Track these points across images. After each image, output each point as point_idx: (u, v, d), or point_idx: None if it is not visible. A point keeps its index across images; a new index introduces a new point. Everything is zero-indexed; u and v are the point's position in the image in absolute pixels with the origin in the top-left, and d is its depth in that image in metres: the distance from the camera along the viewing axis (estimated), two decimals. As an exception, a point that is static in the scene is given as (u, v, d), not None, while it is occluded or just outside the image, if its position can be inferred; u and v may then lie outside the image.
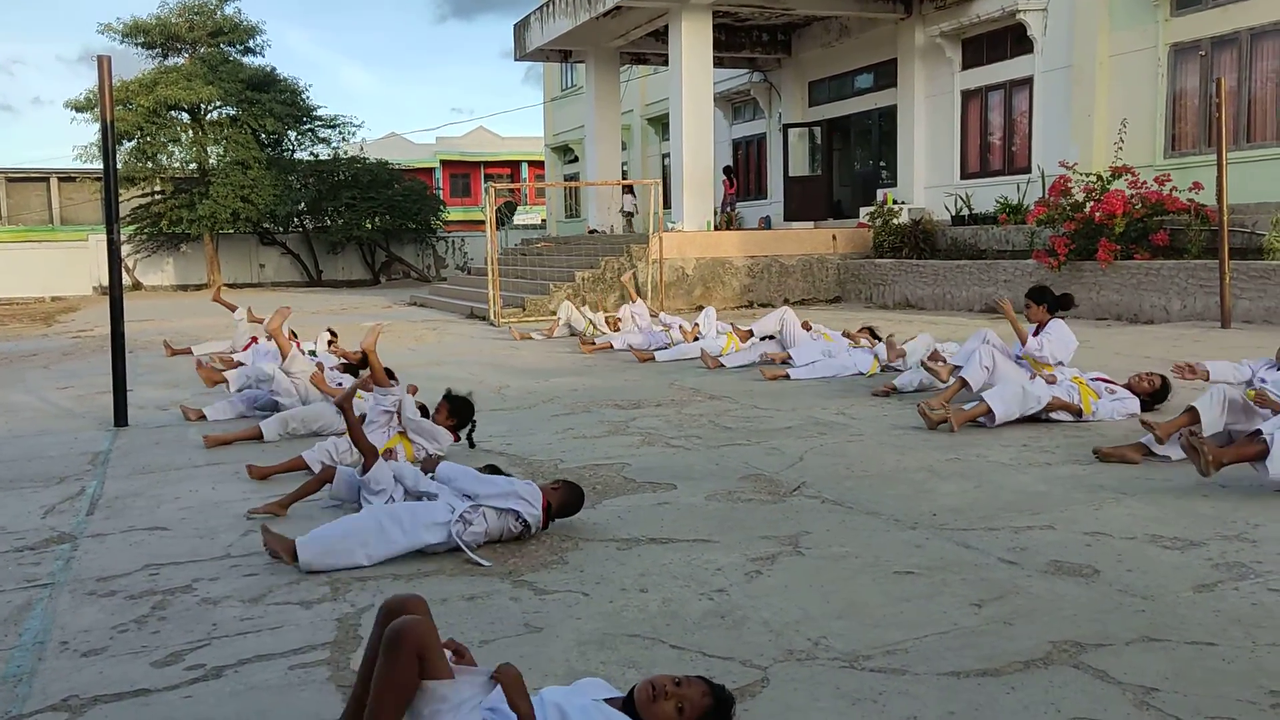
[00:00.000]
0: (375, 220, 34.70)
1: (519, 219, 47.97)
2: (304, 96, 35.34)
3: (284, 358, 7.77)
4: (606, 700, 2.60)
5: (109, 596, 4.10)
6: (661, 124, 29.73)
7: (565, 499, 4.65)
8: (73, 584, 4.26)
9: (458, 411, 6.37)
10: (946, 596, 3.77)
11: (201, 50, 33.41)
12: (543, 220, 42.62)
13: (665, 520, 4.89)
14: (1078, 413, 6.92)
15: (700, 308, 17.57)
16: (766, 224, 23.80)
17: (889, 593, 3.83)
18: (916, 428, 6.89)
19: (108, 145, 7.61)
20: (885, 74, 21.23)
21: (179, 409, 8.18)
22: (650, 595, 3.91)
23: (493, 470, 5.25)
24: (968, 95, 19.28)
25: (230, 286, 34.28)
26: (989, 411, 6.77)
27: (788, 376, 9.36)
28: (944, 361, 8.59)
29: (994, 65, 18.61)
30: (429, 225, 36.28)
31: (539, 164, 56.13)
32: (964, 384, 7.63)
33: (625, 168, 28.97)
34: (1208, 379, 5.98)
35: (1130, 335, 11.74)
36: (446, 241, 38.19)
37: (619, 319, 13.96)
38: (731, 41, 22.37)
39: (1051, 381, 7.27)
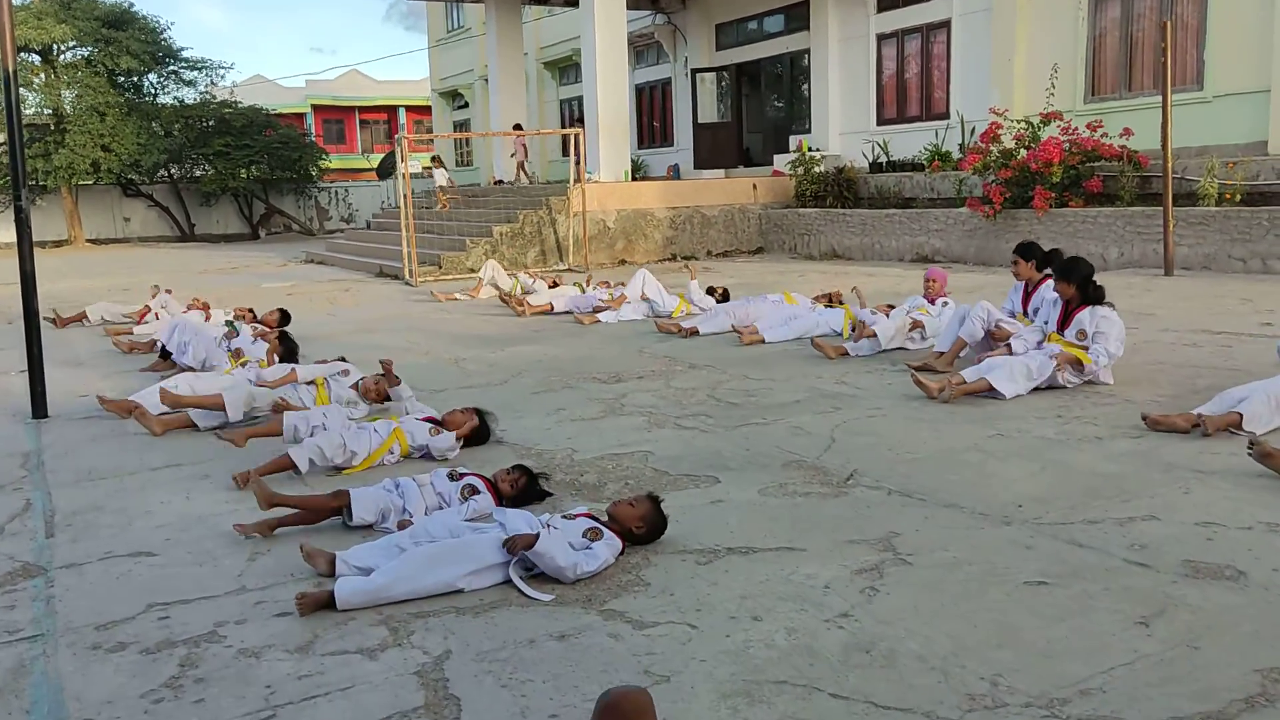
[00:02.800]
0: (251, 170, 32.80)
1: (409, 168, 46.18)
2: (165, 36, 33.01)
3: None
4: None
5: (119, 651, 3.40)
6: (559, 69, 28.79)
7: (650, 534, 4.10)
8: (67, 635, 3.54)
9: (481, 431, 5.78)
10: (1102, 614, 3.39)
11: (52, -14, 30.78)
12: (425, 169, 41.10)
13: (731, 524, 4.40)
14: (1078, 363, 6.63)
15: (623, 262, 17.08)
16: (675, 172, 23.27)
17: (1035, 611, 3.43)
18: (930, 398, 6.54)
19: (10, 98, 6.57)
20: (797, 17, 20.81)
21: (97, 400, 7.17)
22: (768, 625, 3.42)
23: (526, 475, 4.69)
24: (883, 39, 19.03)
25: (93, 242, 32.07)
26: (991, 389, 6.44)
27: (763, 340, 8.93)
28: (921, 329, 8.34)
29: (910, 8, 18.38)
30: (309, 175, 34.52)
31: (419, 109, 54.18)
32: (963, 344, 7.36)
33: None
34: None
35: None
36: (329, 192, 36.48)
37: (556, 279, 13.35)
38: (635, -19, 21.64)
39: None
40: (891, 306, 8.94)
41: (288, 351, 8.13)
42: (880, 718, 2.84)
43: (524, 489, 4.65)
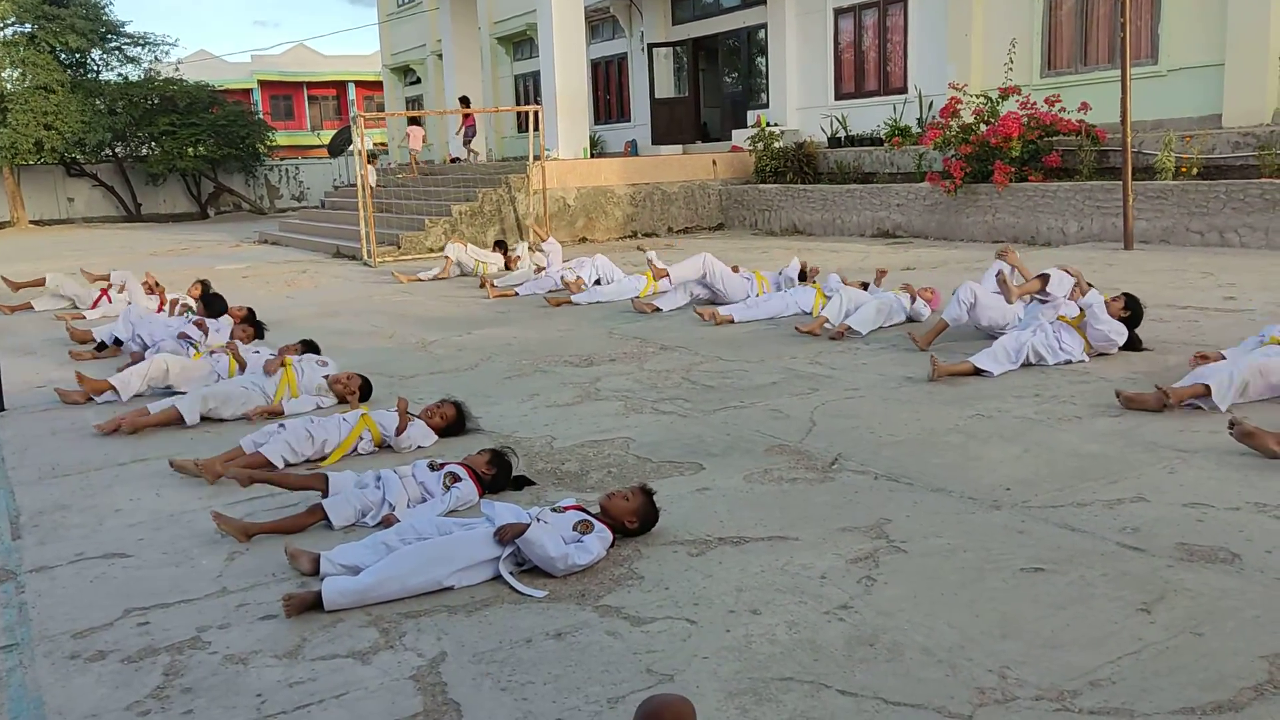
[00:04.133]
0: (198, 148, 32.03)
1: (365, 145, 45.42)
2: (107, 11, 32.11)
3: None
4: None
5: (99, 661, 3.27)
6: (513, 43, 28.42)
7: (643, 527, 4.04)
8: (43, 643, 3.40)
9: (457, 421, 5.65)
10: (1102, 600, 3.37)
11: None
12: (376, 145, 40.44)
13: (719, 513, 4.34)
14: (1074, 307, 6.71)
15: (584, 239, 16.93)
16: (633, 148, 23.08)
17: (1036, 599, 3.41)
18: (907, 378, 6.52)
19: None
20: (753, -9, 20.66)
21: (56, 392, 6.97)
22: (767, 618, 3.37)
23: (502, 461, 4.60)
24: (840, 13, 18.94)
25: (36, 224, 31.21)
26: (977, 371, 6.44)
27: (732, 320, 8.86)
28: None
29: (868, -18, 18.30)
30: (257, 153, 33.81)
31: (368, 84, 53.31)
32: (944, 325, 7.34)
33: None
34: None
35: (1036, 258, 11.74)
36: (279, 170, 35.80)
37: (518, 257, 13.19)
38: (590, -46, 21.34)
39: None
40: (865, 285, 8.91)
41: (258, 333, 8.06)
42: (892, 714, 2.80)
43: (499, 473, 4.59)
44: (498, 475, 4.61)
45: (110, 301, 11.26)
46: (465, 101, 22.42)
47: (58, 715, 2.96)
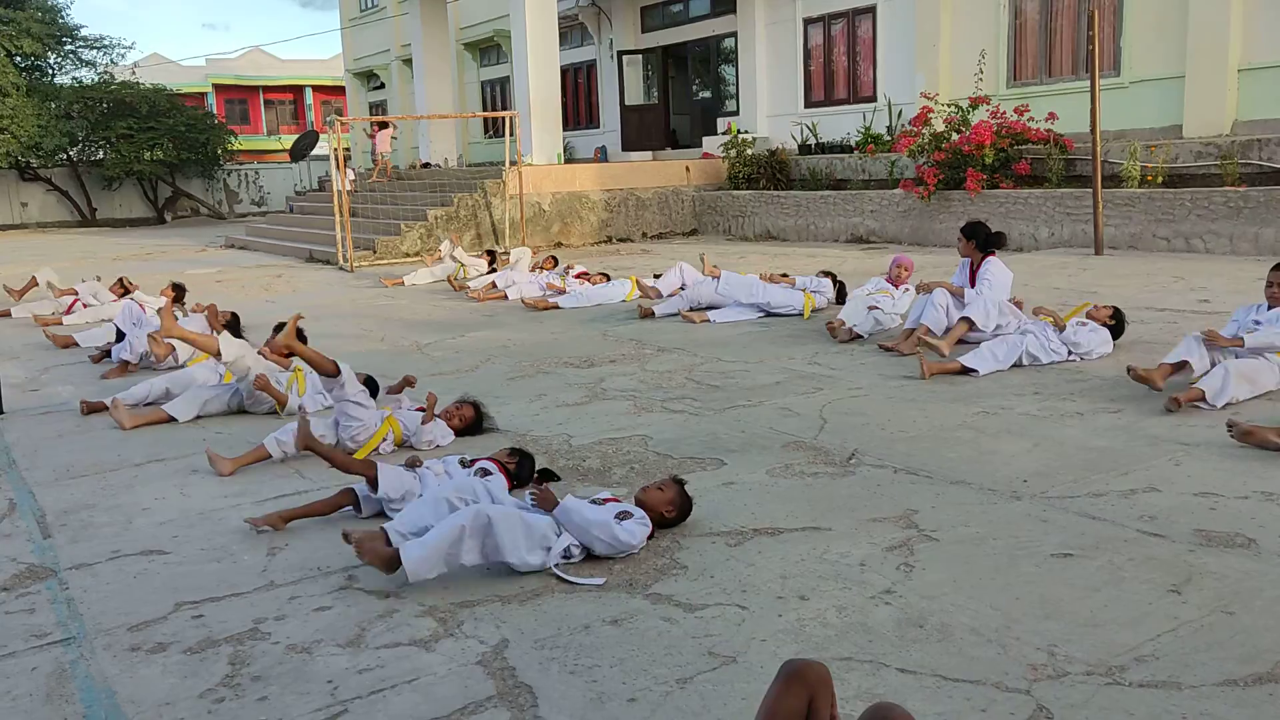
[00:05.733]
0: (156, 152, 31.65)
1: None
2: (63, 15, 31.69)
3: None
4: None
5: (161, 652, 3.30)
6: (479, 49, 28.43)
7: (679, 517, 4.14)
8: (100, 637, 3.43)
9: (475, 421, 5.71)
10: (1135, 583, 3.53)
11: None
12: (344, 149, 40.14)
13: (749, 505, 4.45)
14: (1058, 322, 6.93)
15: (559, 244, 17.00)
16: (603, 155, 23.21)
17: (1070, 583, 3.55)
18: (907, 377, 6.69)
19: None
20: (723, 0, 20.88)
21: (80, 404, 6.79)
22: (816, 603, 3.48)
23: (523, 454, 4.70)
24: (810, 23, 19.23)
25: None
26: (965, 370, 6.63)
27: (709, 321, 9.03)
28: (879, 311, 8.46)
29: (837, -8, 18.60)
30: (216, 157, 33.47)
31: (327, 89, 52.96)
32: (927, 329, 7.52)
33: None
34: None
35: (1011, 262, 12.00)
36: (239, 174, 35.46)
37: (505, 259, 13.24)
38: (558, -38, 21.39)
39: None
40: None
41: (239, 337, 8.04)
42: (953, 690, 2.92)
43: (521, 463, 4.68)
44: (521, 466, 4.69)
45: (85, 308, 11.16)
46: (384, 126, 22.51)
47: (131, 704, 3.00)
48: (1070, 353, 6.85)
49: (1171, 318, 8.18)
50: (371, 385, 6.40)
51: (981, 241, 7.85)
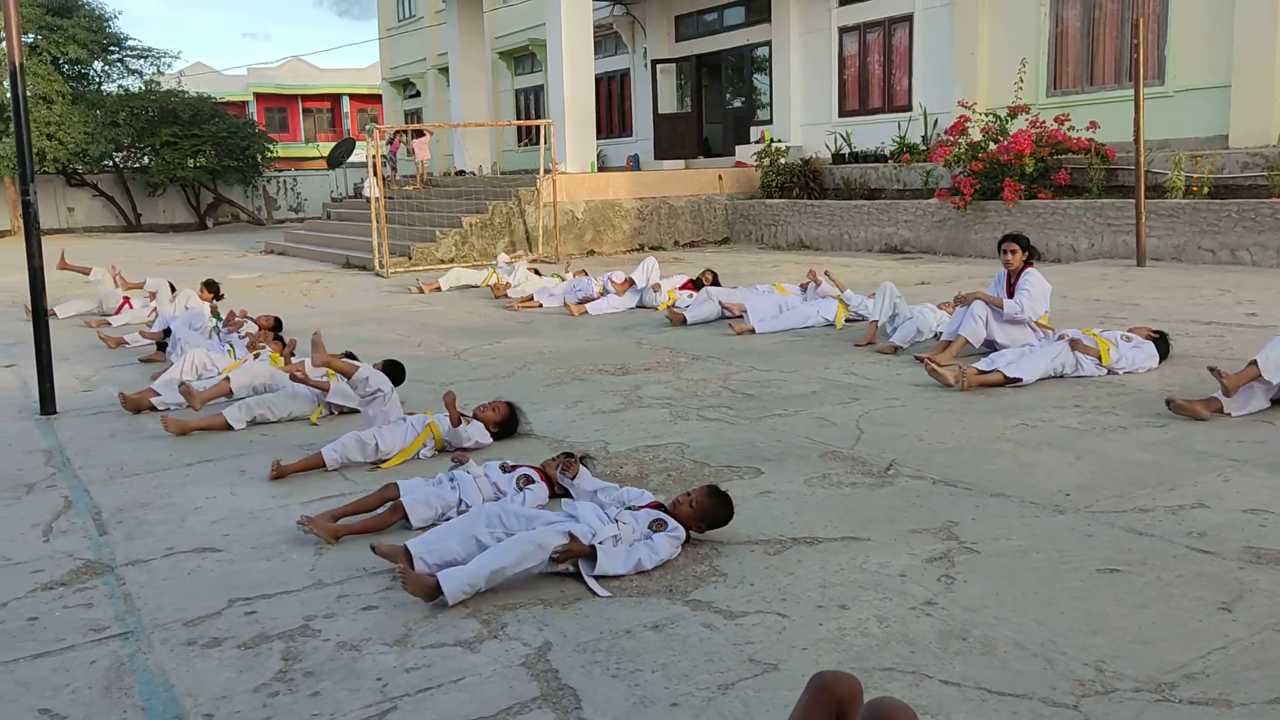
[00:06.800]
0: (199, 159, 32.07)
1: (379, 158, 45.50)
2: (110, 23, 32.16)
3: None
4: None
5: (216, 647, 3.34)
6: (514, 58, 28.58)
7: (712, 526, 4.11)
8: (157, 631, 3.48)
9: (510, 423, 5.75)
10: (1184, 600, 3.47)
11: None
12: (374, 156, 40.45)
13: (788, 514, 4.43)
14: (1097, 356, 6.80)
15: (592, 252, 17.04)
16: (635, 163, 23.23)
17: (1117, 598, 3.50)
18: (944, 387, 6.63)
19: (17, 92, 6.39)
20: (758, 9, 20.87)
21: (120, 397, 6.92)
22: (856, 613, 3.45)
23: (576, 460, 4.67)
24: (845, 31, 19.16)
25: (34, 233, 31.13)
26: (1007, 381, 6.56)
27: (753, 331, 8.98)
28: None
29: (873, 1, 18.52)
30: (256, 164, 33.84)
31: (363, 97, 53.46)
32: (965, 342, 7.46)
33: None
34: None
35: (1049, 274, 11.89)
36: (278, 181, 35.83)
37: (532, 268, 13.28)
38: (593, -28, 21.46)
39: (1051, 328, 7.29)
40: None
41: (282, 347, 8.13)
42: (998, 704, 2.88)
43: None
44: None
45: (133, 309, 11.32)
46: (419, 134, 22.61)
47: (189, 697, 3.03)
48: (1113, 367, 6.75)
49: (1218, 330, 8.06)
50: (393, 370, 6.24)
51: (1031, 253, 7.78)
